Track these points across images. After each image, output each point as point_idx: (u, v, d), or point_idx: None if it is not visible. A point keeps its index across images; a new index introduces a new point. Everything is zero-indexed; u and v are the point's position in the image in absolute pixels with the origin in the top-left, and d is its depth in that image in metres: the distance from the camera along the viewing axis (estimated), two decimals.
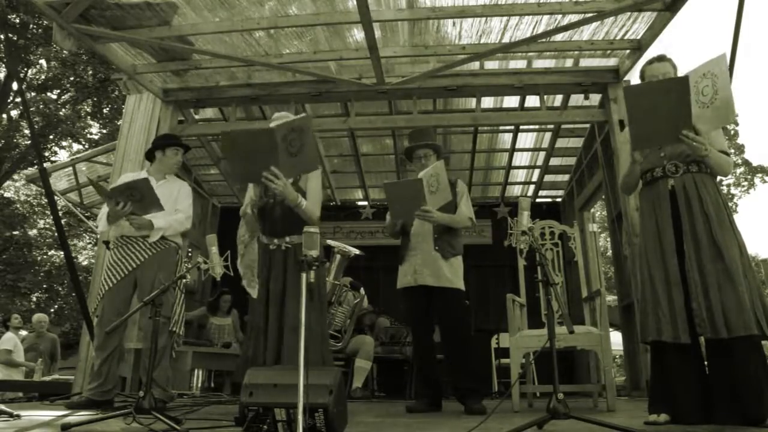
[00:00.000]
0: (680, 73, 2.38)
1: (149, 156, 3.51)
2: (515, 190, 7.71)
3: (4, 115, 13.35)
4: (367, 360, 4.81)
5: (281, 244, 2.69)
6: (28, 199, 14.89)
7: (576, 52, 4.68)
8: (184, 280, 3.06)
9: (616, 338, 4.93)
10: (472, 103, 5.28)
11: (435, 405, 3.23)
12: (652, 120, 2.12)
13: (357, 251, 5.00)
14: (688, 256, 2.15)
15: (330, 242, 5.00)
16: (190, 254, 7.01)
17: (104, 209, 3.25)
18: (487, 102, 5.54)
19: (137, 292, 3.21)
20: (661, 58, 2.41)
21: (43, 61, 13.59)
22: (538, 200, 7.65)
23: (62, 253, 11.96)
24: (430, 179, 2.98)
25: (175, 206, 3.32)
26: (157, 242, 3.25)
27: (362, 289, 5.22)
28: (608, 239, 12.45)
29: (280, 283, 2.66)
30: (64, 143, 14.38)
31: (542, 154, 6.70)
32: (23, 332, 7.04)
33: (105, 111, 14.09)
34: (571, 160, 6.77)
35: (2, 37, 10.65)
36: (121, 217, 3.10)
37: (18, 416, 2.45)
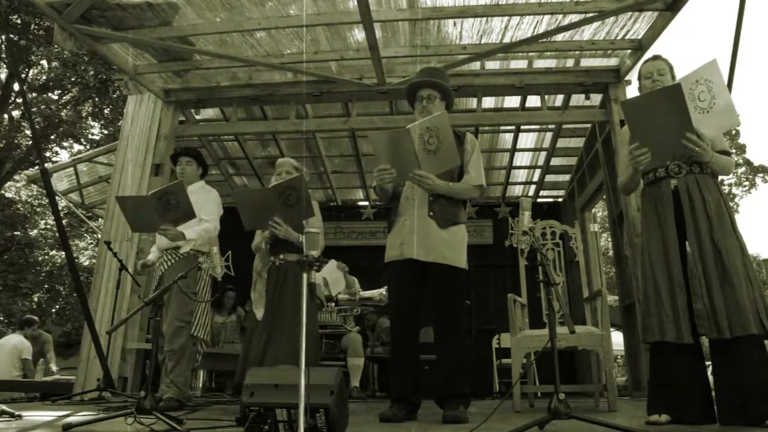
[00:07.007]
0: (677, 72, 2.42)
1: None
2: (516, 190, 7.70)
3: (6, 116, 13.36)
4: (358, 356, 4.80)
5: (276, 260, 3.16)
6: (29, 199, 14.89)
7: (577, 52, 4.68)
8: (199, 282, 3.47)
9: (617, 338, 4.93)
10: (473, 103, 5.28)
11: (413, 412, 2.59)
12: (655, 132, 2.14)
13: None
14: (692, 257, 2.15)
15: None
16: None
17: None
18: (488, 102, 5.53)
19: None
20: (655, 57, 2.45)
21: (44, 62, 13.59)
22: (539, 200, 7.64)
23: (63, 253, 11.99)
24: (425, 133, 2.39)
25: (201, 215, 3.38)
26: (180, 251, 3.39)
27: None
28: (609, 239, 12.43)
29: (275, 293, 3.10)
30: (65, 144, 14.39)
31: (543, 154, 6.69)
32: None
33: (106, 111, 14.09)
34: (572, 160, 6.76)
35: (3, 37, 10.66)
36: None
37: (19, 416, 2.46)
